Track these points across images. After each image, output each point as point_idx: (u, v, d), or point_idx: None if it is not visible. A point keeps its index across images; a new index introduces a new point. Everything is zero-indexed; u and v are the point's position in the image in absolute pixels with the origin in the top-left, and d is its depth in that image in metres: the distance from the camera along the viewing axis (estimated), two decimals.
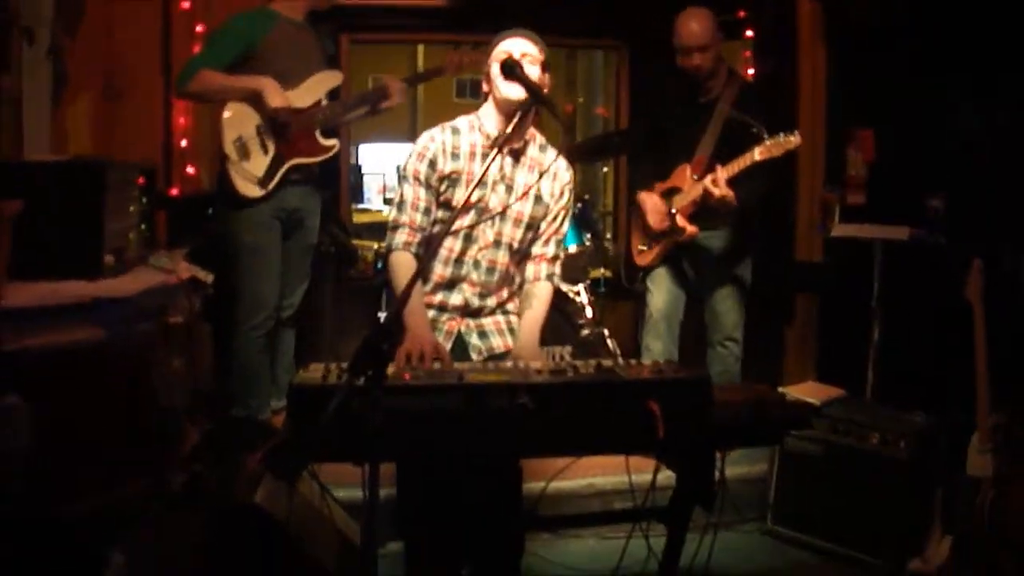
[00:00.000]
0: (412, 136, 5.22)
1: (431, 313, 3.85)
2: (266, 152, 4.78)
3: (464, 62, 5.07)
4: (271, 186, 4.77)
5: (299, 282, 5.17)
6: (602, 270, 6.26)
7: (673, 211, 4.90)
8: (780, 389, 4.04)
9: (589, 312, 5.69)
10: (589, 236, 5.81)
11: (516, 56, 3.61)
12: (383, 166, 6.64)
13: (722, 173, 4.62)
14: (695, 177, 4.87)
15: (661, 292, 5.21)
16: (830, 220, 5.76)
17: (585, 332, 5.61)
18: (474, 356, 3.86)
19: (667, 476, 3.63)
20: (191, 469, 3.26)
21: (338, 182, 6.63)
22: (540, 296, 3.89)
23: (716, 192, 4.63)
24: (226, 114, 4.72)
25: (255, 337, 4.87)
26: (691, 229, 4.88)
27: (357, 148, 9.15)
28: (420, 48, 10.33)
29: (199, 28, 5.70)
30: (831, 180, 5.88)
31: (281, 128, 4.77)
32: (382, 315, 5.36)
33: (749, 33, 6.37)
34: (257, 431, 3.91)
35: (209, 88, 4.72)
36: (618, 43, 7.45)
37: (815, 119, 5.92)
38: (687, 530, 3.51)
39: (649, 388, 2.96)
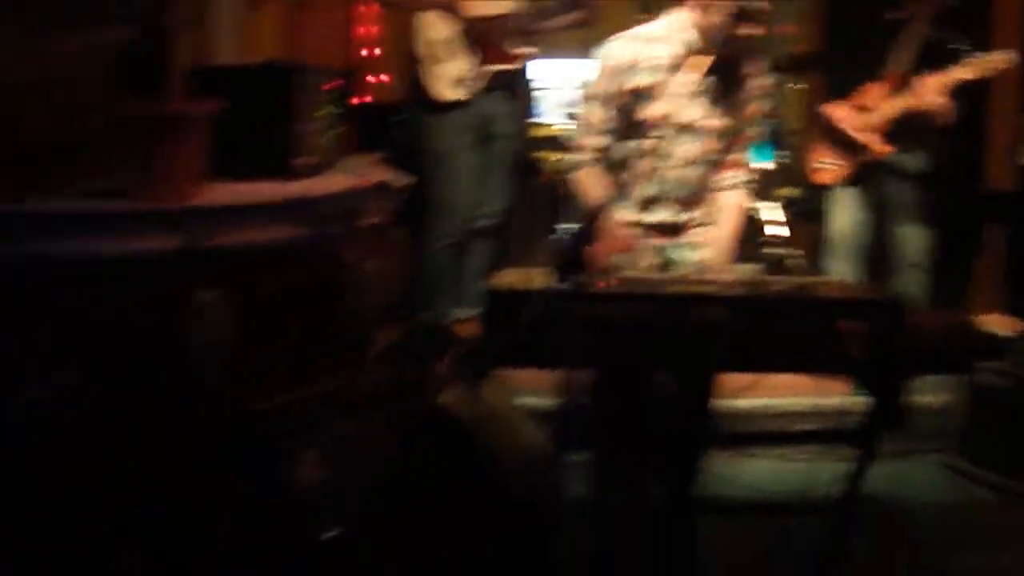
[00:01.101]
0: (584, 52, 5.13)
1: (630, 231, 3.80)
2: (464, 57, 4.78)
3: None
4: (469, 91, 4.78)
5: (498, 191, 5.13)
6: (790, 189, 6.14)
7: (866, 126, 4.76)
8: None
9: (781, 231, 5.59)
10: (781, 153, 5.70)
11: None
12: (555, 81, 6.58)
13: (936, 83, 4.47)
14: (891, 93, 4.72)
15: (845, 213, 5.10)
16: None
17: (775, 251, 5.52)
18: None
19: (845, 400, 3.56)
20: (380, 371, 3.31)
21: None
22: (730, 209, 3.77)
23: (938, 100, 4.48)
24: (422, 19, 4.73)
25: (443, 246, 4.90)
26: (884, 147, 4.74)
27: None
28: None
29: None
30: None
31: (478, 34, 4.76)
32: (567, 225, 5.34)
33: None
34: (441, 338, 3.95)
35: None
36: None
37: (1010, 40, 5.67)
38: (875, 455, 3.43)
39: (846, 308, 2.91)
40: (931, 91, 4.48)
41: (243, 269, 3.04)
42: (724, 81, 3.67)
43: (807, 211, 5.81)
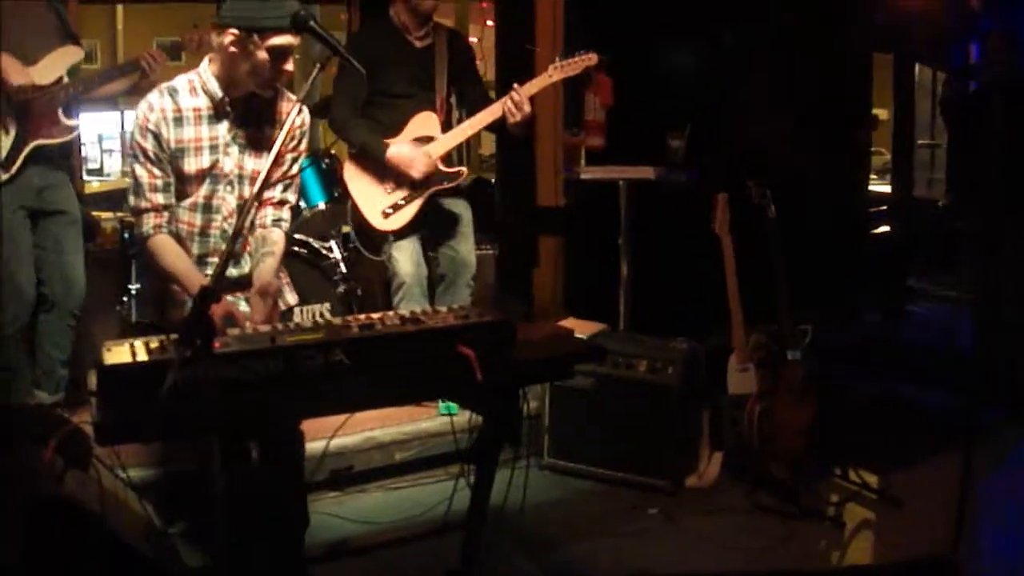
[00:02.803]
0: (116, 104, 4.86)
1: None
2: (6, 133, 4.42)
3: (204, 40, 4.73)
4: (13, 170, 4.42)
5: (68, 266, 4.71)
6: (351, 226, 6.18)
7: (434, 158, 4.87)
8: None
9: (343, 268, 5.58)
10: (338, 192, 5.69)
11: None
12: (94, 134, 6.28)
13: (524, 91, 4.70)
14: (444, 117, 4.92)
15: (409, 255, 5.04)
16: (575, 163, 5.92)
17: (341, 288, 5.52)
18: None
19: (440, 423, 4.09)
20: None
21: None
22: (271, 240, 3.70)
23: (526, 110, 4.70)
24: None
25: (12, 331, 4.51)
26: (465, 170, 4.95)
27: None
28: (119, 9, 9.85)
29: None
30: (570, 125, 6.00)
31: (21, 107, 4.42)
32: (136, 286, 5.13)
33: None
34: (41, 423, 3.70)
35: None
36: None
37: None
38: (496, 468, 3.55)
39: (460, 333, 3.00)
40: (521, 103, 4.69)
41: None
42: (258, 122, 3.69)
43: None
